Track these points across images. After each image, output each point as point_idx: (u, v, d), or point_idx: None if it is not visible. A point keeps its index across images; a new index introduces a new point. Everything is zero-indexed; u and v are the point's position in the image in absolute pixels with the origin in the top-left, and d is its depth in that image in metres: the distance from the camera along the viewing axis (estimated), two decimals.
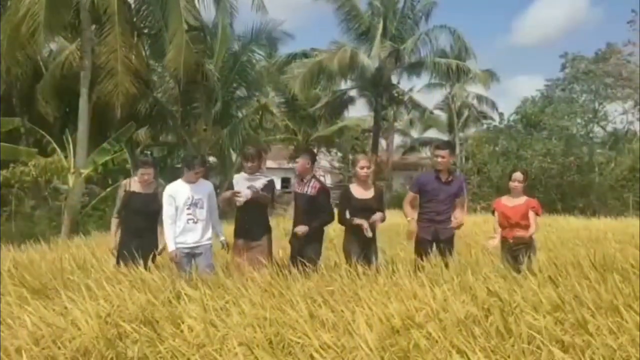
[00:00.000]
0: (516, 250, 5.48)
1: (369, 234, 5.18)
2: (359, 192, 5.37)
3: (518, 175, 5.73)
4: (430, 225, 5.38)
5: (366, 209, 5.26)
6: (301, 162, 5.45)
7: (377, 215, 5.26)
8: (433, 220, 5.38)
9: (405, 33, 23.27)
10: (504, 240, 5.63)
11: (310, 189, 5.34)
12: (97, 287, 4.39)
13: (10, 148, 12.59)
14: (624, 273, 4.46)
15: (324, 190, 5.41)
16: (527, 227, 5.55)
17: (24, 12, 12.50)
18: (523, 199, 5.72)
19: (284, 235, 6.69)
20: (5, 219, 12.93)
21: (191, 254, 5.23)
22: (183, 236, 5.21)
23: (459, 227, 5.37)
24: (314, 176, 5.46)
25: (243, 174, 5.45)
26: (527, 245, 5.53)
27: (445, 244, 5.31)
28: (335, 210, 5.45)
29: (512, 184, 5.73)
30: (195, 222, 5.23)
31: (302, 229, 5.19)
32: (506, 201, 5.76)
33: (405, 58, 22.98)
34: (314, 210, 5.29)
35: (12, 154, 12.51)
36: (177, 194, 5.24)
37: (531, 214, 5.59)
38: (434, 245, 5.31)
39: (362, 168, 5.40)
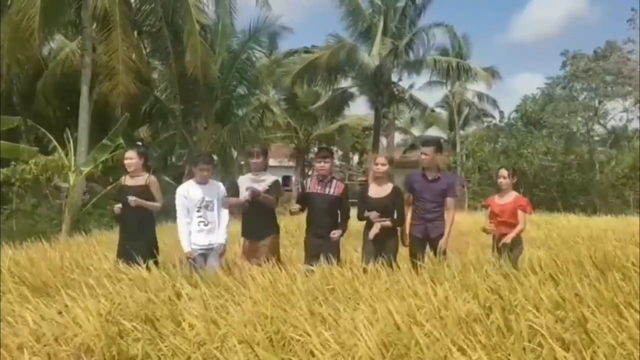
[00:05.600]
0: (503, 247, 5.47)
1: (372, 234, 5.14)
2: (374, 190, 5.34)
3: (503, 171, 5.80)
4: (420, 223, 5.39)
5: (380, 207, 5.19)
6: (330, 162, 5.36)
7: (386, 223, 5.17)
8: (423, 219, 5.39)
9: (405, 31, 23.26)
10: (495, 236, 5.64)
11: (334, 189, 5.28)
12: (98, 285, 4.39)
13: (10, 147, 12.57)
14: (624, 271, 4.46)
15: (346, 190, 5.36)
16: (514, 225, 5.59)
17: (20, 13, 12.54)
18: (512, 196, 5.74)
19: (285, 233, 6.70)
20: (6, 217, 12.93)
21: (204, 254, 5.27)
22: (194, 238, 5.25)
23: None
24: (333, 177, 5.42)
25: (248, 175, 5.41)
26: (514, 243, 5.55)
27: (437, 242, 5.30)
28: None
29: (498, 181, 5.79)
30: (206, 225, 5.26)
31: (338, 233, 5.18)
32: (497, 199, 5.81)
33: (404, 55, 22.97)
34: (337, 211, 5.29)
35: (12, 153, 12.49)
36: (189, 194, 5.26)
37: (520, 213, 5.62)
38: (427, 243, 5.33)
39: (376, 165, 5.38)
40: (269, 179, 5.36)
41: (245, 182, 5.33)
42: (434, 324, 3.22)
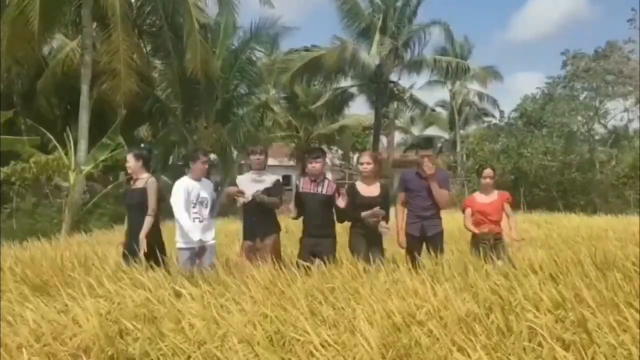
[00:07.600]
0: (493, 245, 5.51)
1: (383, 230, 5.15)
2: (364, 189, 5.34)
3: (488, 171, 5.83)
4: (417, 221, 5.43)
5: (372, 206, 5.20)
6: (322, 162, 5.33)
7: (382, 211, 5.18)
8: (419, 216, 5.43)
9: (404, 30, 23.26)
10: (478, 236, 5.65)
11: (326, 188, 5.27)
12: (98, 285, 4.39)
13: (12, 140, 12.52)
14: (624, 271, 4.45)
15: (337, 188, 5.38)
16: (500, 222, 5.69)
17: (17, 9, 12.54)
18: (496, 193, 5.82)
19: (285, 233, 6.67)
20: (7, 216, 12.94)
21: (195, 253, 5.24)
22: (189, 234, 5.22)
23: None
24: (325, 176, 5.43)
25: (249, 175, 5.39)
26: (501, 240, 5.64)
27: (433, 240, 5.34)
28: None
29: (483, 181, 5.80)
30: (201, 221, 5.25)
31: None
32: (481, 198, 5.82)
33: (403, 55, 22.99)
34: (330, 210, 5.28)
35: (13, 145, 12.45)
36: (188, 189, 5.25)
37: (506, 206, 5.73)
38: (423, 241, 5.35)
39: (362, 164, 5.41)
40: (269, 178, 5.34)
41: (246, 182, 5.31)
42: (434, 324, 3.22)
